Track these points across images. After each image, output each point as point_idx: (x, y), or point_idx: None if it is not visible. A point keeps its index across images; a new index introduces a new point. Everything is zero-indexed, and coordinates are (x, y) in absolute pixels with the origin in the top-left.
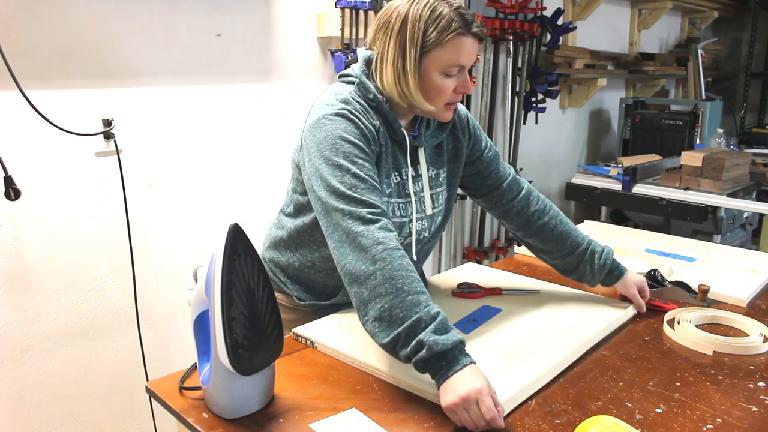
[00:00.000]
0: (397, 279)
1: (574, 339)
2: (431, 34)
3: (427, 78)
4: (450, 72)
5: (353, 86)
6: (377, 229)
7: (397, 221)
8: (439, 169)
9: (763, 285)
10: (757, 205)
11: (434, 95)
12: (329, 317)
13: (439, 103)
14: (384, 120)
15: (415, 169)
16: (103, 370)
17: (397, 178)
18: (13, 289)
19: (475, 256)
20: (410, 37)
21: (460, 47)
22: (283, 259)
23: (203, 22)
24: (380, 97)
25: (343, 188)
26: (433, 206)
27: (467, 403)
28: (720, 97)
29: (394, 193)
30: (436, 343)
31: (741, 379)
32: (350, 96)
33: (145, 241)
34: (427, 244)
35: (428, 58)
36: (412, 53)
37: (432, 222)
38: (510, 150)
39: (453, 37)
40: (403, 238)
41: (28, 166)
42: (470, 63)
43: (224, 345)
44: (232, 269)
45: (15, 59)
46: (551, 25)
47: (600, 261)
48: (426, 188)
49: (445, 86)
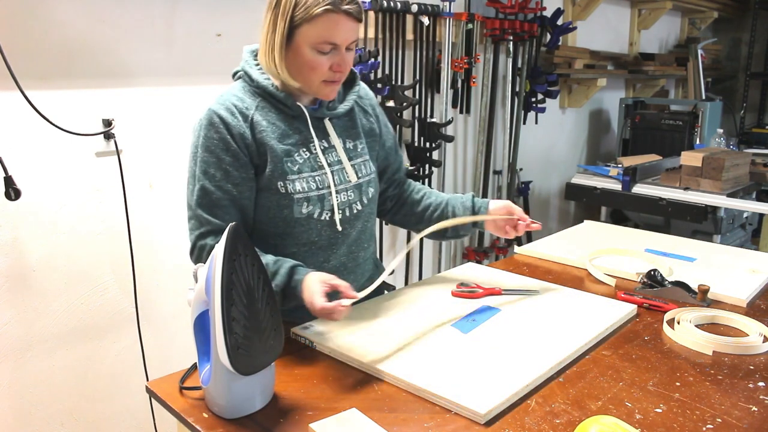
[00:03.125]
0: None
1: (574, 339)
2: (300, 9)
3: (299, 53)
4: (322, 48)
5: (240, 80)
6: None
7: (314, 194)
8: (356, 140)
9: (763, 285)
10: (757, 205)
11: (307, 71)
12: None
13: (314, 80)
14: (274, 102)
15: (326, 141)
16: (103, 370)
17: (306, 153)
18: (13, 289)
19: (475, 256)
20: (282, 11)
21: (331, 24)
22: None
23: (203, 22)
24: (265, 81)
25: (190, 199)
26: (359, 176)
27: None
28: (720, 97)
29: (307, 167)
30: (277, 288)
31: (741, 379)
32: (230, 92)
33: (145, 241)
34: (365, 218)
35: (299, 32)
36: (281, 27)
37: (361, 192)
38: (510, 150)
39: (322, 13)
40: (328, 211)
41: (28, 166)
42: (344, 42)
43: (224, 345)
44: (232, 269)
45: (15, 59)
46: (551, 25)
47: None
48: (344, 158)
49: (317, 62)
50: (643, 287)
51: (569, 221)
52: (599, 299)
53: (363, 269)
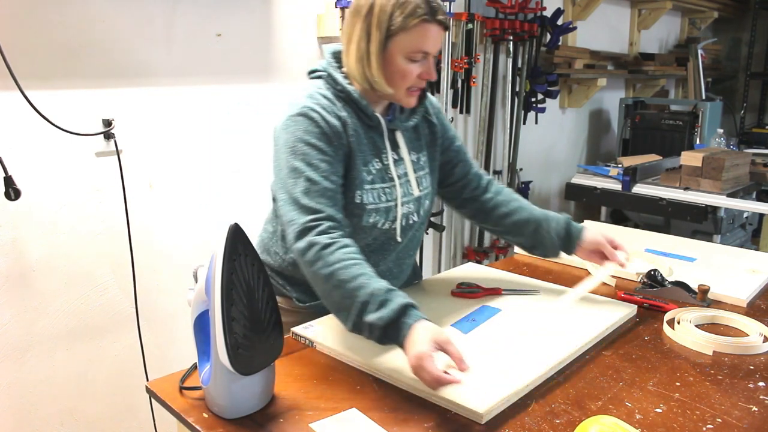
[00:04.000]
0: (334, 273)
1: (574, 339)
2: (397, 18)
3: (391, 62)
4: (414, 57)
5: (321, 80)
6: (314, 235)
7: (383, 206)
8: (419, 153)
9: (763, 285)
10: (757, 205)
11: (398, 79)
12: (329, 317)
13: (402, 87)
14: (355, 109)
15: (396, 153)
16: (103, 370)
17: (378, 164)
18: (13, 289)
19: (475, 256)
20: (377, 20)
21: (425, 33)
22: (275, 261)
23: (203, 22)
24: (349, 87)
25: (295, 193)
26: (420, 189)
27: (416, 371)
28: (720, 97)
29: (378, 179)
30: (380, 319)
31: (741, 379)
32: (317, 91)
33: (145, 241)
34: (417, 229)
35: (393, 42)
36: (377, 36)
37: (419, 205)
38: (510, 150)
39: (418, 23)
40: (390, 221)
41: (28, 166)
42: (435, 50)
43: (224, 345)
44: (232, 269)
45: (15, 59)
46: (551, 25)
47: (552, 235)
48: (410, 171)
49: (408, 71)
50: (643, 287)
51: None
52: (600, 299)
53: (405, 274)
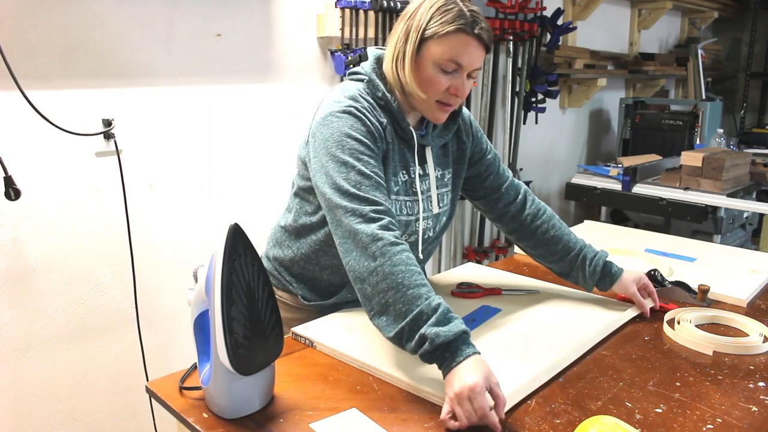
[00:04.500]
0: (397, 274)
1: (574, 339)
2: (434, 23)
3: (423, 67)
4: (446, 67)
5: (362, 84)
6: (378, 227)
7: (403, 219)
8: (445, 169)
9: (763, 285)
10: (757, 205)
11: (425, 86)
12: (329, 317)
13: (431, 96)
14: (392, 118)
15: (422, 168)
16: (103, 370)
17: (405, 176)
18: (13, 289)
19: (475, 256)
20: (416, 22)
21: (459, 44)
22: (287, 255)
23: (203, 22)
24: (389, 95)
25: (347, 186)
26: (440, 206)
27: (460, 399)
28: (720, 97)
29: (402, 191)
30: (437, 336)
31: (741, 379)
32: (358, 93)
33: (145, 241)
34: (431, 244)
35: (427, 46)
36: (413, 37)
37: (437, 222)
38: (510, 150)
39: (454, 31)
40: (408, 235)
41: (28, 166)
42: (469, 65)
43: (224, 345)
44: (232, 269)
45: (15, 59)
46: (551, 25)
47: (590, 267)
48: (433, 187)
49: (437, 80)
50: None
51: (569, 221)
52: (599, 299)
53: None
